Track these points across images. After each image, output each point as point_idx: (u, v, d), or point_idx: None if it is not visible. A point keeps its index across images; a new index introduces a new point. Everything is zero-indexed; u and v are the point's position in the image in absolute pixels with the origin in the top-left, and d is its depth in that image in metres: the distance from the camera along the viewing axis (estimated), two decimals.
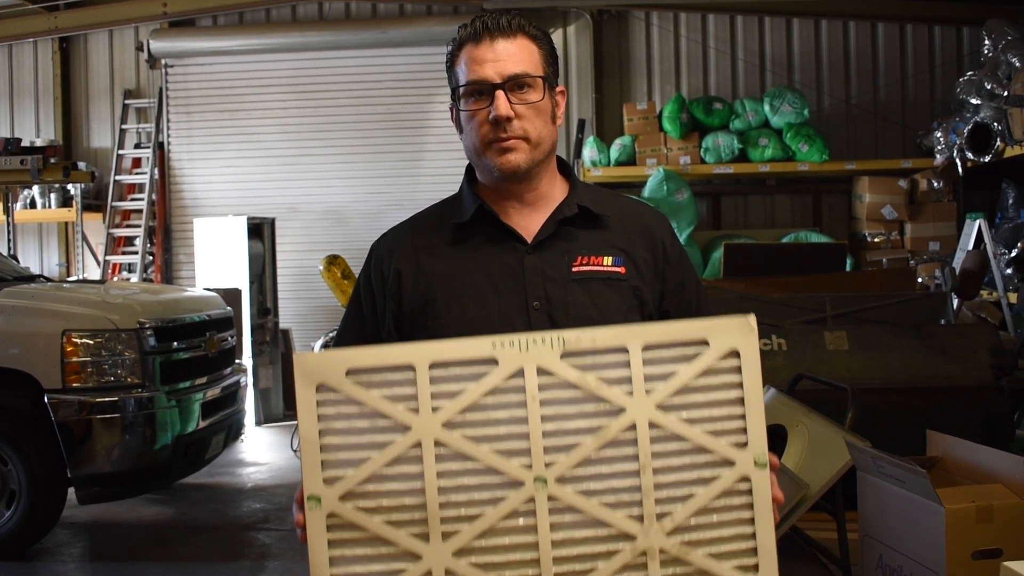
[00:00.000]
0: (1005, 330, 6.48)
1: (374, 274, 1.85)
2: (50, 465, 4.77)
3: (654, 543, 1.40)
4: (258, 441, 7.77)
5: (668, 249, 1.84)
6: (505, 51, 1.71)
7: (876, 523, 3.30)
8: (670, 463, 1.42)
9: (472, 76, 1.72)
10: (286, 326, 9.17)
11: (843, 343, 4.48)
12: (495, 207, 1.80)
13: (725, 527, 1.41)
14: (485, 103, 1.71)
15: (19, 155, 7.98)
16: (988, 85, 7.23)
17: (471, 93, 1.73)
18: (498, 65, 1.71)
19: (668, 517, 1.40)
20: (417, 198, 8.98)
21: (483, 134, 1.73)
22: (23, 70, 10.01)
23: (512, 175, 1.75)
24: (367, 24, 9.34)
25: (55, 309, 4.87)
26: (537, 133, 1.75)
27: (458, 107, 1.77)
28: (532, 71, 1.73)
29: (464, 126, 1.77)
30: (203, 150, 9.63)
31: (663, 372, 1.42)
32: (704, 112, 8.47)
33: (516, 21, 1.75)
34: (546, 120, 1.76)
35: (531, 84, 1.73)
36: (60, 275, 9.76)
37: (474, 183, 1.85)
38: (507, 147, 1.72)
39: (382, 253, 1.85)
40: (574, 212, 1.80)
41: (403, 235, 1.87)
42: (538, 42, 1.76)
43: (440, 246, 1.81)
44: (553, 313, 1.74)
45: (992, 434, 4.28)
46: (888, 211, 8.39)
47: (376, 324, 1.83)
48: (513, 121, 1.71)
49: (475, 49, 1.72)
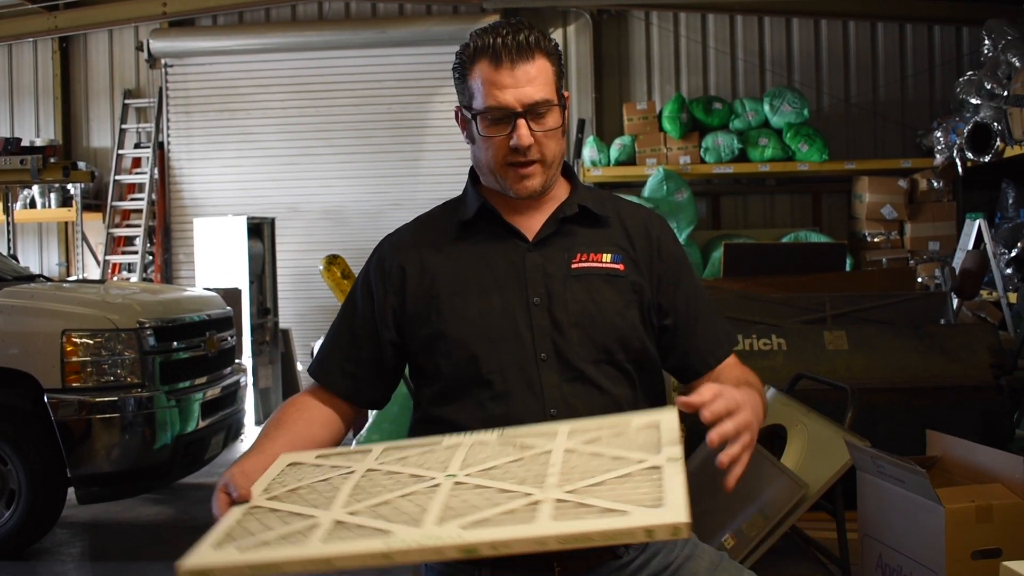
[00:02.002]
0: (1005, 330, 6.49)
1: (374, 273, 1.86)
2: (50, 465, 4.77)
3: (550, 495, 1.39)
4: None
5: (664, 246, 1.87)
6: (524, 76, 1.73)
7: (875, 523, 3.30)
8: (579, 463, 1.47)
9: (492, 102, 1.73)
10: (286, 326, 9.17)
11: (843, 343, 4.48)
12: (498, 206, 1.82)
13: (629, 481, 1.41)
14: (505, 130, 1.74)
15: (19, 155, 7.97)
16: (988, 85, 7.23)
17: (490, 117, 1.74)
18: (519, 92, 1.72)
19: (569, 483, 1.42)
20: (417, 198, 8.99)
21: (501, 157, 1.76)
22: (23, 70, 10.00)
23: (528, 197, 1.79)
24: (367, 24, 9.34)
25: (55, 309, 4.87)
26: (552, 155, 1.78)
27: (474, 123, 1.78)
28: (550, 96, 1.75)
29: (479, 144, 1.79)
30: (203, 150, 9.63)
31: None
32: (704, 112, 8.47)
33: (533, 37, 1.75)
34: (560, 139, 1.80)
35: (550, 110, 1.75)
36: (60, 275, 9.76)
37: (478, 183, 1.88)
38: (525, 174, 1.76)
39: (385, 251, 1.88)
40: (575, 211, 1.83)
41: (407, 235, 1.90)
42: (551, 58, 1.78)
43: (444, 244, 1.83)
44: (553, 309, 1.76)
45: (992, 434, 4.28)
46: (888, 211, 8.38)
47: (370, 323, 1.85)
48: (532, 147, 1.74)
49: (495, 73, 1.73)
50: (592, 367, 1.76)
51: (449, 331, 1.77)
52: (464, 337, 1.76)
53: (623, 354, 1.78)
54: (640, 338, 1.81)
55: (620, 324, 1.78)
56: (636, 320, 1.80)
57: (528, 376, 1.74)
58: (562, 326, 1.76)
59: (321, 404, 1.86)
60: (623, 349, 1.78)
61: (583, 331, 1.76)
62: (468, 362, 1.76)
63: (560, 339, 1.75)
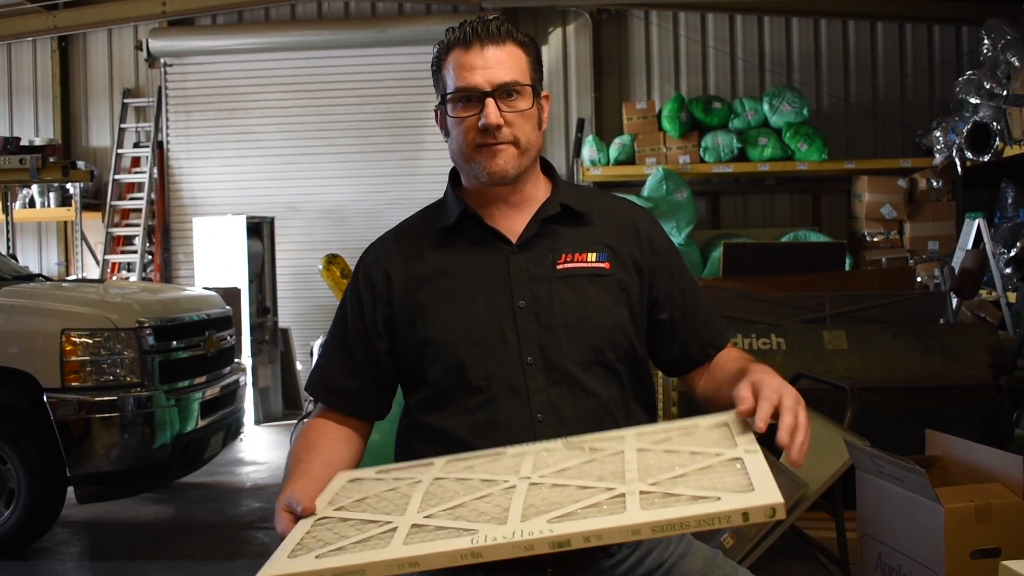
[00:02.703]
0: (1004, 329, 6.49)
1: (362, 282, 1.86)
2: (49, 464, 4.76)
3: (634, 488, 1.37)
4: (257, 440, 7.77)
5: (654, 241, 1.86)
6: (494, 58, 1.73)
7: (875, 522, 3.30)
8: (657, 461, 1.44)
9: (461, 83, 1.73)
10: (285, 325, 9.17)
11: (842, 342, 4.48)
12: (479, 210, 1.82)
13: (712, 472, 1.39)
14: (474, 110, 1.73)
15: (18, 154, 7.96)
16: (987, 84, 7.23)
17: (460, 99, 1.74)
18: (488, 72, 1.72)
19: (651, 477, 1.40)
20: (416, 197, 8.98)
21: (471, 139, 1.75)
22: (22, 69, 10.00)
23: (500, 179, 1.76)
24: (366, 23, 9.34)
25: (54, 308, 4.87)
26: (526, 139, 1.77)
27: (446, 112, 1.78)
28: (521, 79, 1.75)
29: (451, 131, 1.78)
30: (202, 149, 9.62)
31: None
32: (703, 111, 8.47)
33: (505, 27, 1.76)
34: (534, 126, 1.78)
35: (520, 92, 1.75)
36: (59, 274, 9.76)
37: (458, 187, 1.87)
38: (496, 150, 1.74)
39: (370, 261, 1.88)
40: (556, 211, 1.82)
41: (389, 243, 1.89)
42: (526, 49, 1.78)
43: (427, 251, 1.83)
44: (539, 312, 1.75)
45: (991, 433, 4.28)
46: (887, 210, 8.39)
47: (362, 334, 1.84)
48: (503, 128, 1.73)
49: (464, 55, 1.73)
50: (580, 369, 1.74)
51: (435, 338, 1.76)
52: (450, 343, 1.75)
53: (612, 353, 1.77)
54: (629, 337, 1.80)
55: (608, 323, 1.77)
56: (625, 318, 1.79)
57: (513, 381, 1.72)
58: (549, 328, 1.75)
59: (336, 424, 1.84)
60: (612, 348, 1.77)
61: (571, 332, 1.75)
62: (455, 368, 1.74)
63: (547, 341, 1.74)
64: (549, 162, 1.91)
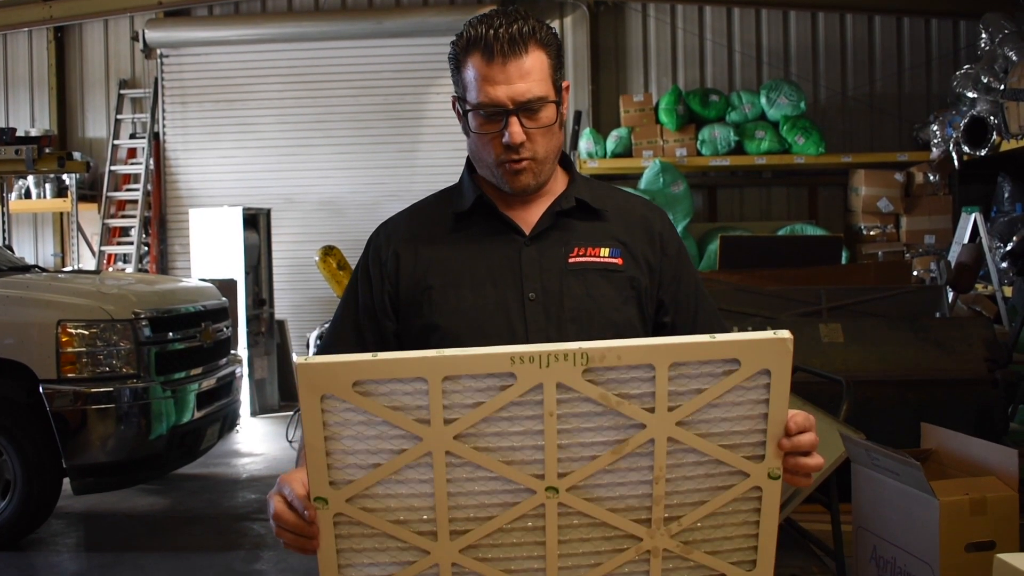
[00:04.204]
0: (1000, 323, 6.50)
1: (372, 261, 1.84)
2: (45, 455, 4.76)
3: (659, 544, 1.40)
4: (253, 432, 7.77)
5: (666, 241, 1.84)
6: (517, 72, 1.68)
7: (870, 515, 3.31)
8: (684, 473, 1.41)
9: (484, 99, 1.69)
10: (281, 317, 9.17)
11: (838, 335, 4.49)
12: (494, 198, 1.80)
13: (729, 528, 1.42)
14: (497, 126, 1.70)
15: (14, 145, 7.95)
16: (985, 78, 7.23)
17: (483, 113, 1.71)
18: (511, 89, 1.68)
19: (676, 521, 1.41)
20: (414, 189, 8.97)
21: (495, 154, 1.73)
22: (18, 60, 9.97)
23: (522, 193, 1.77)
24: (363, 14, 9.32)
25: (50, 299, 4.87)
26: (546, 151, 1.74)
27: (466, 117, 1.75)
28: (544, 93, 1.70)
29: (473, 138, 1.76)
30: (199, 140, 9.61)
31: (687, 388, 1.39)
32: (700, 104, 8.46)
33: (528, 28, 1.70)
34: (555, 133, 1.76)
35: (543, 106, 1.71)
36: (55, 265, 9.75)
37: (474, 173, 1.86)
38: (518, 169, 1.73)
39: (380, 240, 1.85)
40: (571, 205, 1.80)
41: (402, 223, 1.87)
42: (547, 49, 1.73)
43: (439, 235, 1.81)
44: (548, 304, 1.74)
45: (986, 427, 4.29)
46: (884, 204, 8.39)
47: (371, 313, 1.83)
48: (525, 144, 1.71)
49: (486, 68, 1.68)
50: None
51: (442, 323, 1.75)
52: (457, 330, 1.73)
53: None
54: (637, 334, 1.78)
55: (617, 320, 1.76)
56: (634, 316, 1.78)
57: None
58: (558, 322, 1.73)
59: None
60: None
61: (580, 327, 1.73)
62: None
63: (555, 335, 1.72)
64: (567, 155, 1.89)
